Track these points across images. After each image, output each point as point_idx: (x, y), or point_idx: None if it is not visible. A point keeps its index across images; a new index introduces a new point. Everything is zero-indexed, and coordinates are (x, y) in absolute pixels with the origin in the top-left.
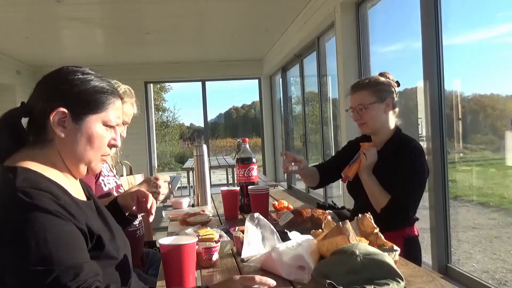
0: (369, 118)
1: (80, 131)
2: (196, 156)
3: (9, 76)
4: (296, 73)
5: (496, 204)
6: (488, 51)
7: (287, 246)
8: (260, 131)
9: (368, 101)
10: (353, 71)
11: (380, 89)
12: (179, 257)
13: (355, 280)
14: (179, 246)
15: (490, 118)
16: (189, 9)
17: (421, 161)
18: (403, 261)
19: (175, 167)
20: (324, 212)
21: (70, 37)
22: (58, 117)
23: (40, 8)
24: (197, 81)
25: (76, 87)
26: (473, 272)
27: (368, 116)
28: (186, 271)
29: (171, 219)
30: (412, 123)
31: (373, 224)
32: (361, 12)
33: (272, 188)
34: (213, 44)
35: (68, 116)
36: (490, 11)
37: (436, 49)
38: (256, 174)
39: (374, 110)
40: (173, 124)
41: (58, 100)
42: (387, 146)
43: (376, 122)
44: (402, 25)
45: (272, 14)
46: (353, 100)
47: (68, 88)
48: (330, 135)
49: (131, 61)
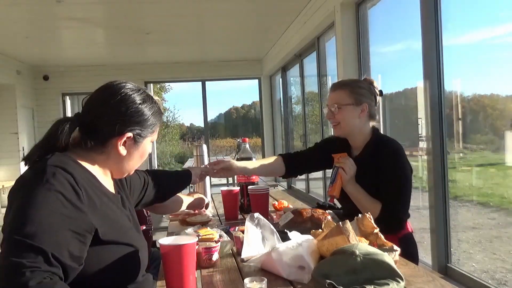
0: (341, 119)
1: (137, 150)
2: (196, 156)
3: (9, 76)
4: (296, 73)
5: (496, 204)
6: (488, 51)
7: (287, 246)
8: (260, 131)
9: (344, 102)
10: (353, 71)
11: (359, 92)
12: (179, 257)
13: (355, 280)
14: (179, 246)
15: (490, 118)
16: (189, 9)
17: (403, 161)
18: (403, 261)
19: (175, 167)
20: (324, 212)
21: (70, 37)
22: (124, 141)
23: (40, 8)
24: (197, 81)
25: (142, 116)
26: (473, 272)
27: (340, 117)
28: (186, 271)
29: (171, 219)
30: (412, 123)
31: (373, 224)
32: (361, 12)
33: (272, 188)
34: (213, 44)
35: (132, 139)
36: (490, 11)
37: (436, 49)
38: None
39: (347, 112)
40: (173, 124)
41: (126, 126)
42: (366, 150)
43: (349, 124)
44: (402, 25)
45: (272, 14)
46: (330, 98)
47: (135, 116)
48: (330, 135)
49: (131, 61)
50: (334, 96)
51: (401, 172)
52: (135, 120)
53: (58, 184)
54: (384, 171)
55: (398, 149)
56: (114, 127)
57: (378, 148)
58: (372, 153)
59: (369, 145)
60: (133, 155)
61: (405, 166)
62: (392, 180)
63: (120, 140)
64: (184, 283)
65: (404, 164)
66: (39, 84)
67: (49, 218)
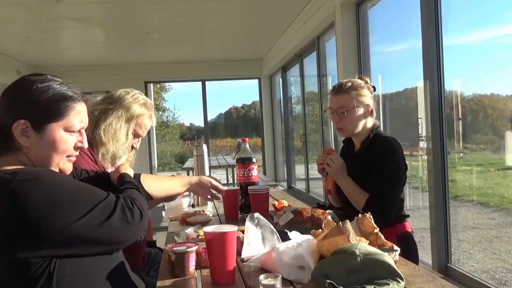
0: (348, 122)
1: (42, 139)
2: (196, 156)
3: (9, 76)
4: (296, 73)
5: (496, 204)
6: (488, 51)
7: (287, 246)
8: (260, 131)
9: (350, 106)
10: (353, 71)
11: (362, 94)
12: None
13: (355, 280)
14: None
15: (490, 118)
16: (189, 9)
17: (395, 155)
18: (403, 261)
19: (175, 167)
20: (324, 212)
21: (70, 37)
22: (20, 128)
23: (40, 8)
24: (197, 81)
25: (35, 98)
26: (473, 272)
27: (347, 120)
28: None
29: (171, 219)
30: (412, 123)
31: (373, 224)
32: (361, 12)
33: (272, 188)
34: (213, 44)
35: (29, 126)
36: (490, 11)
37: (436, 49)
38: (256, 174)
39: (354, 115)
40: (173, 124)
41: (19, 112)
42: (363, 145)
43: (355, 126)
44: (402, 25)
45: (272, 14)
46: (334, 102)
47: (27, 99)
48: (330, 135)
49: (131, 61)
50: (339, 100)
51: (391, 165)
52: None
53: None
54: (376, 164)
55: (390, 143)
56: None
57: (373, 143)
58: (368, 147)
59: (366, 140)
60: (40, 146)
61: (397, 160)
62: (381, 171)
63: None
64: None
65: (396, 158)
66: None
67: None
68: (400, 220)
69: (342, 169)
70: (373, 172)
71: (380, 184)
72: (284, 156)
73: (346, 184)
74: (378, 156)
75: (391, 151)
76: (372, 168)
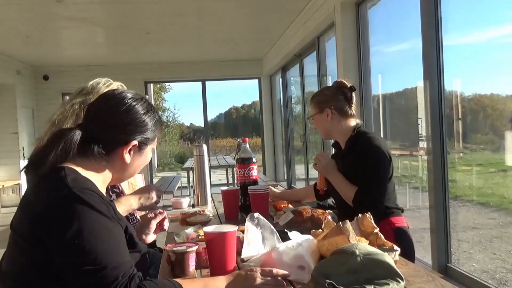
0: (319, 128)
1: (140, 157)
2: (196, 156)
3: (9, 76)
4: (296, 73)
5: (496, 204)
6: (488, 51)
7: (287, 246)
8: (260, 131)
9: (312, 112)
10: (353, 71)
11: (321, 100)
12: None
13: (355, 280)
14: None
15: (490, 118)
16: (189, 9)
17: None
18: (403, 261)
19: (175, 167)
20: (324, 212)
21: (70, 37)
22: (129, 149)
23: (40, 8)
24: (197, 81)
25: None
26: (473, 272)
27: (317, 126)
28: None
29: (171, 219)
30: (412, 123)
31: (373, 224)
32: (361, 12)
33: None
34: (213, 44)
35: (137, 147)
36: (490, 11)
37: (436, 49)
38: (256, 174)
39: (318, 120)
40: (173, 124)
41: (131, 135)
42: (346, 145)
43: (326, 129)
44: (402, 25)
45: (272, 14)
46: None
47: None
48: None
49: (131, 61)
50: (310, 110)
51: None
52: (140, 129)
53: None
54: (361, 160)
55: (372, 138)
56: (120, 136)
57: (355, 141)
58: (351, 146)
59: (349, 140)
60: (136, 162)
61: (380, 153)
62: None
63: (126, 148)
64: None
65: (379, 151)
66: (39, 84)
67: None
68: (394, 213)
69: (331, 166)
70: (359, 168)
71: (367, 176)
72: (284, 156)
73: (336, 179)
74: (362, 152)
75: (374, 146)
76: (358, 164)
